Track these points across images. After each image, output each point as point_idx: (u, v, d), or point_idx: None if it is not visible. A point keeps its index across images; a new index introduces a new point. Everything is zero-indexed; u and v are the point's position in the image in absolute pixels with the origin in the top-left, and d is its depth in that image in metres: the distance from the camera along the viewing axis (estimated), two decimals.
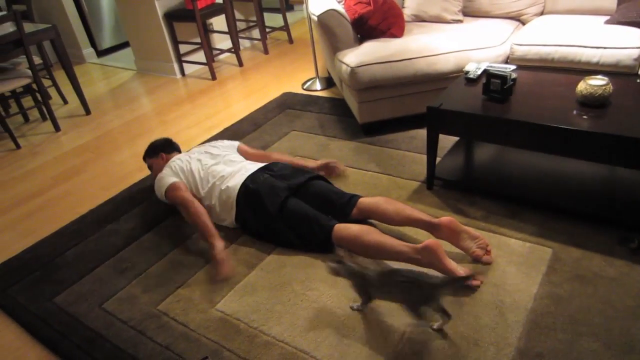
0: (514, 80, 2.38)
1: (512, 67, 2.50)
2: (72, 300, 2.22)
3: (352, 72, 2.93)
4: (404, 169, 2.76)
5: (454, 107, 2.32)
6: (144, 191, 2.97)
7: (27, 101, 4.77)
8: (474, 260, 2.06)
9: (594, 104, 2.14)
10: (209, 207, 2.49)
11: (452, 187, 2.55)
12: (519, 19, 3.35)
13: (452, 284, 1.82)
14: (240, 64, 4.96)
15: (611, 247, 2.04)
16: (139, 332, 1.99)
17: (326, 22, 3.12)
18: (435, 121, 2.39)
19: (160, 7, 4.59)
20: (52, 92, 4.79)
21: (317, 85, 4.12)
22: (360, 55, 2.98)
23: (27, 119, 4.43)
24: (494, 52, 2.94)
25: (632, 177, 2.32)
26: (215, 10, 4.65)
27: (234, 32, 4.93)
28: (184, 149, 3.12)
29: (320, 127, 3.41)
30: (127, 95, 4.71)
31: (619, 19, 2.82)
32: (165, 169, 2.63)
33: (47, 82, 4.70)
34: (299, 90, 4.15)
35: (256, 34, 5.63)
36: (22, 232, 2.81)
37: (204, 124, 3.81)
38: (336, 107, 3.67)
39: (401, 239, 2.07)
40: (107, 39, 6.08)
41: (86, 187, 3.19)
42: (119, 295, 2.20)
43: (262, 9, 5.32)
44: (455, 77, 2.96)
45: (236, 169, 2.48)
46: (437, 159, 2.68)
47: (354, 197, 2.30)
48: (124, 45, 6.22)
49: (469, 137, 2.48)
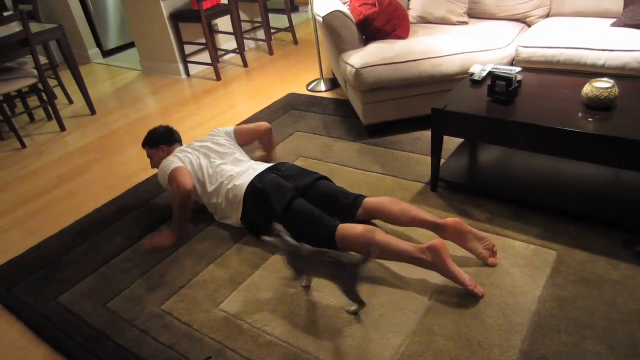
0: (520, 82, 2.38)
1: (518, 69, 2.49)
2: (76, 299, 2.23)
3: (357, 73, 2.93)
4: (409, 171, 2.76)
5: (459, 109, 2.32)
6: (149, 191, 2.98)
7: (33, 101, 4.80)
8: (481, 261, 2.06)
9: (599, 106, 2.13)
10: (215, 205, 2.50)
11: (457, 189, 2.55)
12: (524, 21, 3.34)
13: (367, 264, 1.86)
14: (245, 64, 4.97)
15: (616, 250, 2.04)
16: (143, 331, 1.99)
17: (331, 24, 3.12)
18: (440, 123, 2.38)
19: (165, 8, 4.61)
20: (58, 92, 4.81)
21: (322, 86, 4.13)
22: (365, 56, 2.98)
23: (32, 119, 4.45)
24: (499, 54, 2.94)
25: (638, 180, 2.31)
26: (220, 11, 4.66)
27: (239, 33, 4.94)
28: None
29: (324, 128, 3.41)
30: (132, 95, 4.73)
31: (625, 21, 2.81)
32: (172, 157, 2.59)
33: (53, 82, 4.72)
34: (303, 91, 4.15)
35: (261, 35, 5.64)
36: (27, 231, 2.82)
37: (208, 124, 3.82)
38: (341, 109, 3.68)
39: (405, 240, 2.06)
40: (112, 40, 6.11)
41: (91, 186, 3.20)
42: (123, 294, 2.21)
43: (267, 10, 5.33)
44: (460, 79, 2.96)
45: (244, 168, 2.50)
46: (442, 161, 2.67)
47: (359, 198, 2.30)
48: (130, 45, 6.25)
49: (473, 139, 2.48)
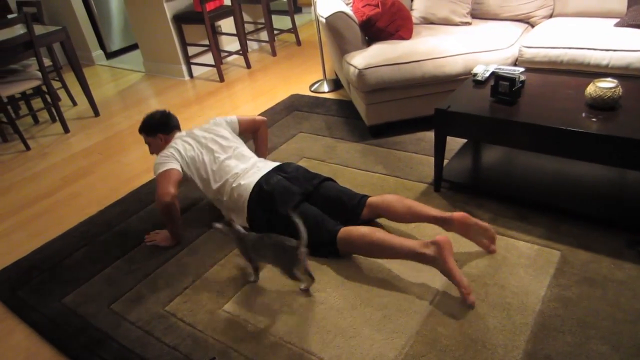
0: (523, 82, 2.38)
1: (521, 69, 2.49)
2: (80, 300, 2.23)
3: (360, 74, 2.93)
4: (412, 171, 2.76)
5: (462, 109, 2.32)
6: (152, 192, 2.98)
7: (37, 103, 4.81)
8: (483, 249, 2.12)
9: (603, 106, 2.13)
10: (220, 202, 2.49)
11: (460, 189, 2.54)
12: (527, 21, 3.34)
13: (305, 248, 1.96)
14: (248, 66, 4.98)
15: (620, 250, 2.03)
16: (146, 332, 2.00)
17: (334, 25, 3.12)
18: (443, 123, 2.38)
19: (169, 10, 4.62)
20: (62, 93, 4.83)
21: (325, 87, 4.13)
22: (368, 57, 2.98)
23: (36, 121, 4.47)
24: (502, 54, 2.93)
25: None
26: (223, 12, 4.67)
27: (242, 35, 4.95)
28: None
29: (327, 128, 3.41)
30: (136, 97, 4.74)
31: (629, 21, 2.80)
32: (171, 149, 2.50)
33: (56, 84, 4.74)
34: (306, 92, 4.15)
35: (264, 36, 5.65)
36: (32, 233, 2.83)
37: None
38: (344, 109, 3.68)
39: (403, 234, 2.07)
40: (116, 41, 6.13)
41: (95, 188, 3.21)
42: (127, 296, 2.22)
43: (271, 11, 5.33)
44: (463, 80, 2.95)
45: (248, 165, 2.48)
46: (445, 161, 2.67)
47: (363, 198, 2.31)
48: (133, 47, 6.27)
49: (476, 139, 2.47)
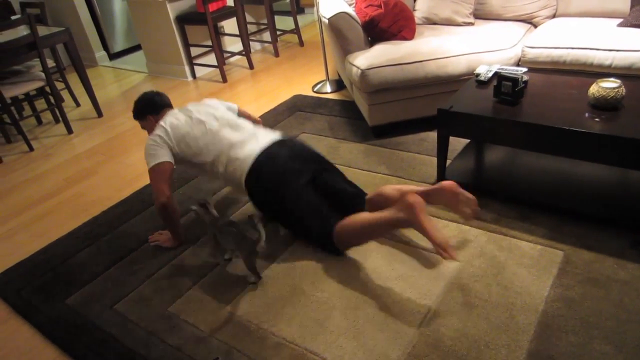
0: (525, 82, 2.38)
1: (524, 69, 2.49)
2: (84, 301, 2.24)
3: (363, 74, 2.93)
4: (414, 171, 2.76)
5: (465, 109, 2.32)
6: None
7: (40, 104, 4.83)
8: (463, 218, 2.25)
9: (606, 106, 2.12)
10: (216, 174, 2.39)
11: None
12: (530, 21, 3.34)
13: (263, 243, 2.04)
14: (251, 66, 4.99)
15: (623, 250, 2.03)
16: (150, 333, 2.00)
17: (337, 25, 3.12)
18: (445, 123, 2.38)
19: (172, 10, 4.63)
20: (65, 94, 4.84)
21: (328, 87, 4.13)
22: (370, 57, 2.98)
23: (40, 122, 4.48)
24: (505, 54, 2.93)
25: None
26: (226, 13, 4.67)
27: (244, 35, 4.96)
28: None
29: (330, 129, 3.41)
30: None
31: (632, 21, 2.80)
32: (158, 129, 2.41)
33: (60, 85, 4.75)
34: (309, 92, 4.16)
35: (267, 36, 5.65)
36: (35, 234, 2.84)
37: None
38: (346, 110, 3.68)
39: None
40: (119, 42, 6.14)
41: (98, 189, 3.22)
42: (130, 296, 2.22)
43: (273, 11, 5.34)
44: (466, 80, 2.95)
45: (246, 136, 2.37)
46: (448, 162, 2.67)
47: (362, 199, 2.31)
48: (136, 48, 6.28)
49: (479, 140, 2.47)
